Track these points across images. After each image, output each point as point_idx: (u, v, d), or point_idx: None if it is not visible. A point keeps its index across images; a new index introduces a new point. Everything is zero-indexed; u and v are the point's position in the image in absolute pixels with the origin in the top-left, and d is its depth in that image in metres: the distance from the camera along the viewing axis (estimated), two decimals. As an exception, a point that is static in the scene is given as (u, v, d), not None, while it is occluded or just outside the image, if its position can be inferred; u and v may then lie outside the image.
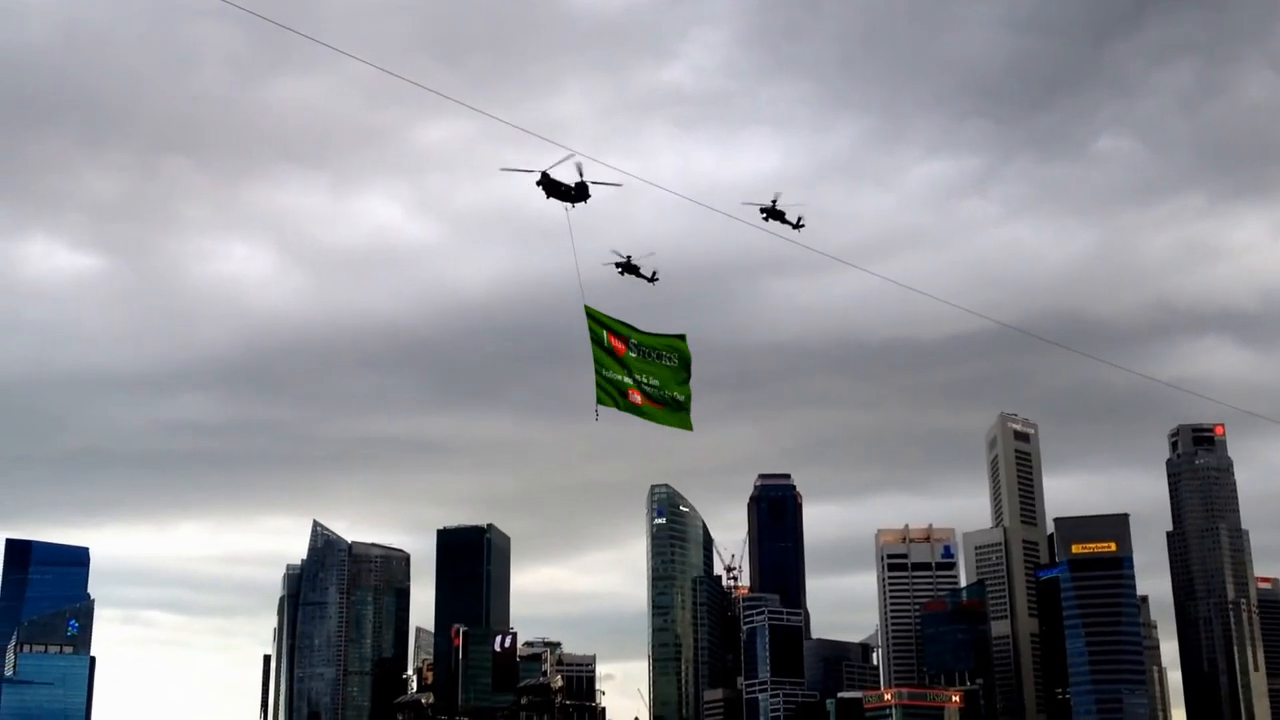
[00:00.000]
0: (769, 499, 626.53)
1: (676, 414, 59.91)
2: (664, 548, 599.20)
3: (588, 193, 75.90)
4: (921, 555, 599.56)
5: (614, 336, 58.22)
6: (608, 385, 57.66)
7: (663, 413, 59.36)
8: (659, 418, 59.21)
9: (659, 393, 59.25)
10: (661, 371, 59.38)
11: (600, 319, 58.10)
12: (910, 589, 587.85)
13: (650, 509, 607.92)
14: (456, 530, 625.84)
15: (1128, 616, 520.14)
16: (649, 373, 58.92)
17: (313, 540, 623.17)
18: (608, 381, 57.65)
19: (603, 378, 57.44)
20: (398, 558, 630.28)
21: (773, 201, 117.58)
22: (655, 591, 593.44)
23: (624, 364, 58.18)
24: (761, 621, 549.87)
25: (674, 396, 59.81)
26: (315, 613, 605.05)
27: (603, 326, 58.04)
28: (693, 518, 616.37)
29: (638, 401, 58.48)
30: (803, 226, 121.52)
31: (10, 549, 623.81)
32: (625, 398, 58.17)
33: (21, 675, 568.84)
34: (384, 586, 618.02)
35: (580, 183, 75.44)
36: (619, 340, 58.25)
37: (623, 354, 58.26)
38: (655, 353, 59.33)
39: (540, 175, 74.95)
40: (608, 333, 58.06)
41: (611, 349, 57.96)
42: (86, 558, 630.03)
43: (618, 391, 57.90)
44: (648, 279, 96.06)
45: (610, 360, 57.78)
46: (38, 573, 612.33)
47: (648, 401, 58.76)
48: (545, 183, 75.39)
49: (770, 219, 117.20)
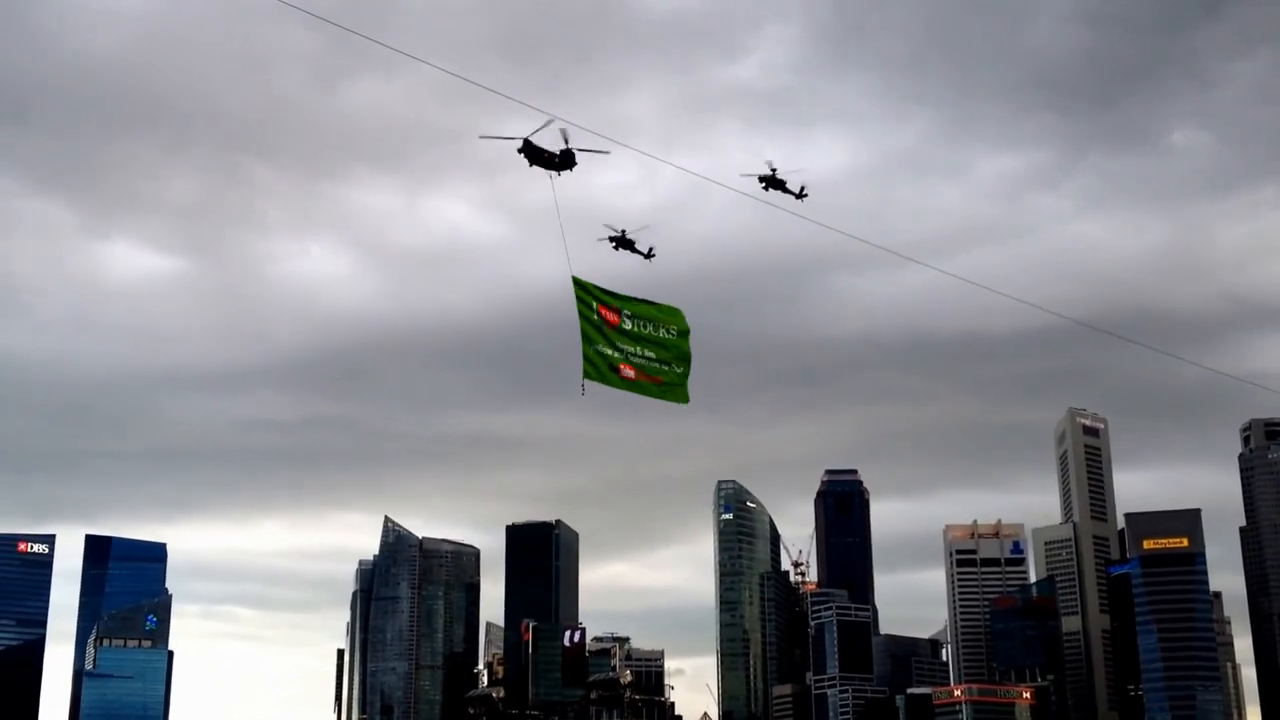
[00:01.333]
0: (836, 494, 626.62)
1: (672, 389, 57.05)
2: (731, 543, 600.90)
3: (573, 161, 72.96)
4: (990, 551, 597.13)
5: (605, 309, 55.39)
6: (597, 359, 54.79)
7: (658, 387, 56.57)
8: (652, 392, 56.53)
9: (653, 366, 56.31)
10: (657, 344, 56.44)
11: (590, 290, 55.26)
12: (979, 585, 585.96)
13: (717, 504, 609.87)
14: (525, 526, 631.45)
15: (1200, 613, 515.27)
16: (644, 345, 56.01)
17: (384, 536, 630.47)
18: (597, 355, 54.78)
19: (592, 352, 54.61)
20: (468, 553, 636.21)
21: (772, 170, 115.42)
22: (723, 587, 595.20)
23: (616, 336, 55.31)
24: (830, 617, 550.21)
25: (672, 369, 56.81)
26: (387, 607, 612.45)
27: (592, 297, 55.20)
28: (760, 513, 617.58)
29: (630, 376, 55.66)
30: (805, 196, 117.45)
31: (90, 545, 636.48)
32: (616, 372, 55.32)
33: (101, 669, 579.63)
34: (454, 582, 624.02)
35: (565, 150, 72.67)
36: (611, 312, 55.43)
37: (615, 325, 55.40)
38: (652, 323, 56.49)
39: (522, 142, 72.40)
40: (598, 304, 55.22)
41: (602, 321, 55.14)
42: (164, 553, 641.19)
43: (608, 366, 55.06)
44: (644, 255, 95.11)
45: (600, 333, 55.00)
46: (116, 568, 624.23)
47: (642, 376, 55.95)
48: (527, 150, 72.84)
49: (770, 189, 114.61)
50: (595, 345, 54.50)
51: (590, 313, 54.62)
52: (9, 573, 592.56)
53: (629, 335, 55.35)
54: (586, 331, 54.46)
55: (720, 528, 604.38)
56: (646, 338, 55.84)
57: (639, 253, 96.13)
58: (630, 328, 55.41)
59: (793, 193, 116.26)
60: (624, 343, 55.25)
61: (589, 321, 54.48)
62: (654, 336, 56.14)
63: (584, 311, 54.44)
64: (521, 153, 72.81)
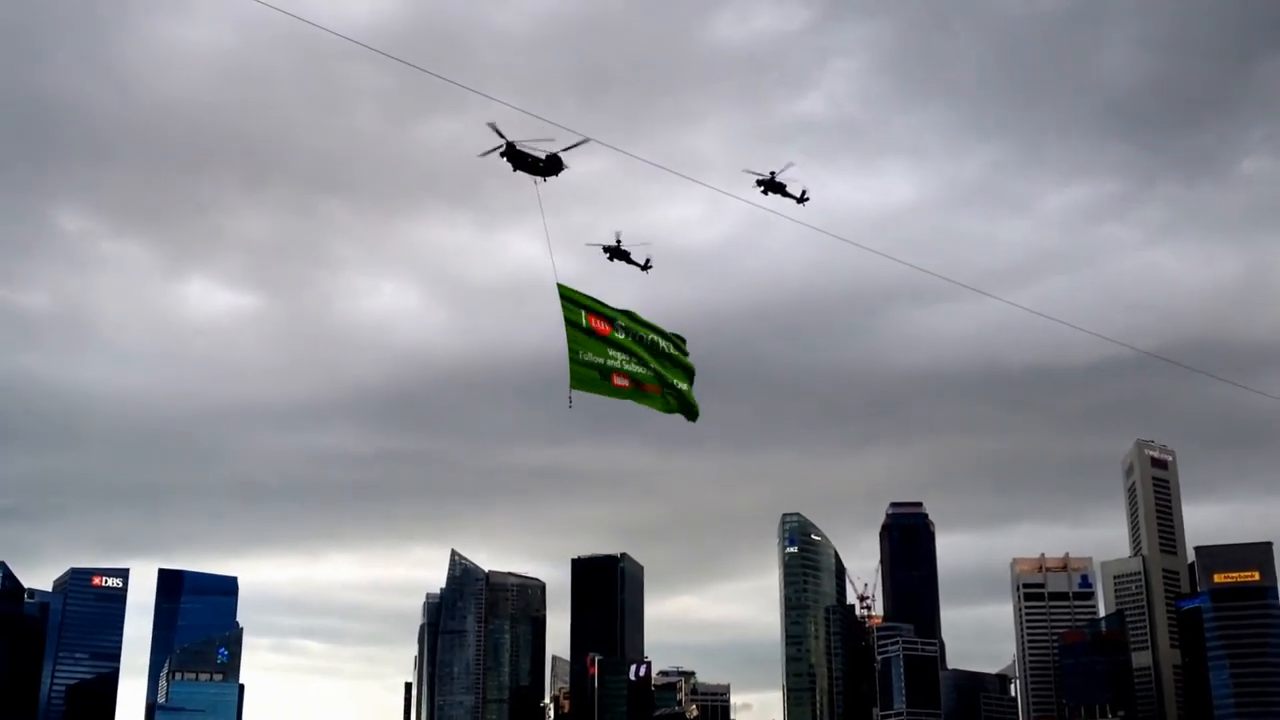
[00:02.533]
0: (901, 527, 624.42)
1: (671, 399, 53.37)
2: (796, 577, 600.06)
3: (560, 165, 70.47)
4: (1059, 585, 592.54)
5: (594, 317, 51.71)
6: (586, 369, 50.94)
7: (655, 397, 52.82)
8: (649, 402, 52.83)
9: (649, 375, 52.55)
10: (653, 354, 52.94)
11: (577, 299, 51.49)
12: (1048, 619, 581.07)
13: (782, 537, 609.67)
14: (590, 559, 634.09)
15: (1274, 647, 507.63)
16: (637, 354, 52.43)
17: (451, 569, 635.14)
18: (585, 365, 50.95)
19: (579, 362, 50.76)
20: (533, 586, 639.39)
21: (772, 174, 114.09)
22: (789, 621, 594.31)
23: (607, 345, 51.65)
24: (896, 651, 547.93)
25: (669, 379, 53.19)
26: (454, 641, 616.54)
27: (580, 306, 51.49)
28: (824, 546, 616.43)
29: (624, 385, 51.99)
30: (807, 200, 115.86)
31: (163, 579, 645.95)
32: (608, 381, 51.59)
33: (174, 702, 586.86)
34: (520, 615, 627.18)
35: (552, 155, 70.29)
36: (601, 321, 51.82)
37: (606, 334, 51.68)
38: (646, 334, 52.89)
39: (506, 145, 70.43)
40: (586, 313, 51.50)
41: (591, 330, 51.40)
42: (235, 587, 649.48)
43: (599, 375, 51.32)
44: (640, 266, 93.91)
45: (590, 341, 51.22)
46: (189, 602, 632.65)
47: (637, 385, 52.28)
48: (511, 154, 70.51)
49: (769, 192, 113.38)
50: (584, 354, 50.92)
51: (578, 321, 51.23)
52: (84, 607, 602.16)
53: (620, 344, 52.00)
54: (574, 340, 50.88)
55: (785, 561, 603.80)
56: (640, 348, 52.50)
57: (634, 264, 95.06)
58: (623, 338, 52.08)
59: (793, 196, 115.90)
60: (616, 351, 51.89)
61: (577, 330, 51.03)
62: (649, 347, 52.78)
63: (571, 319, 51.04)
64: (504, 157, 70.73)
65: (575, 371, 50.52)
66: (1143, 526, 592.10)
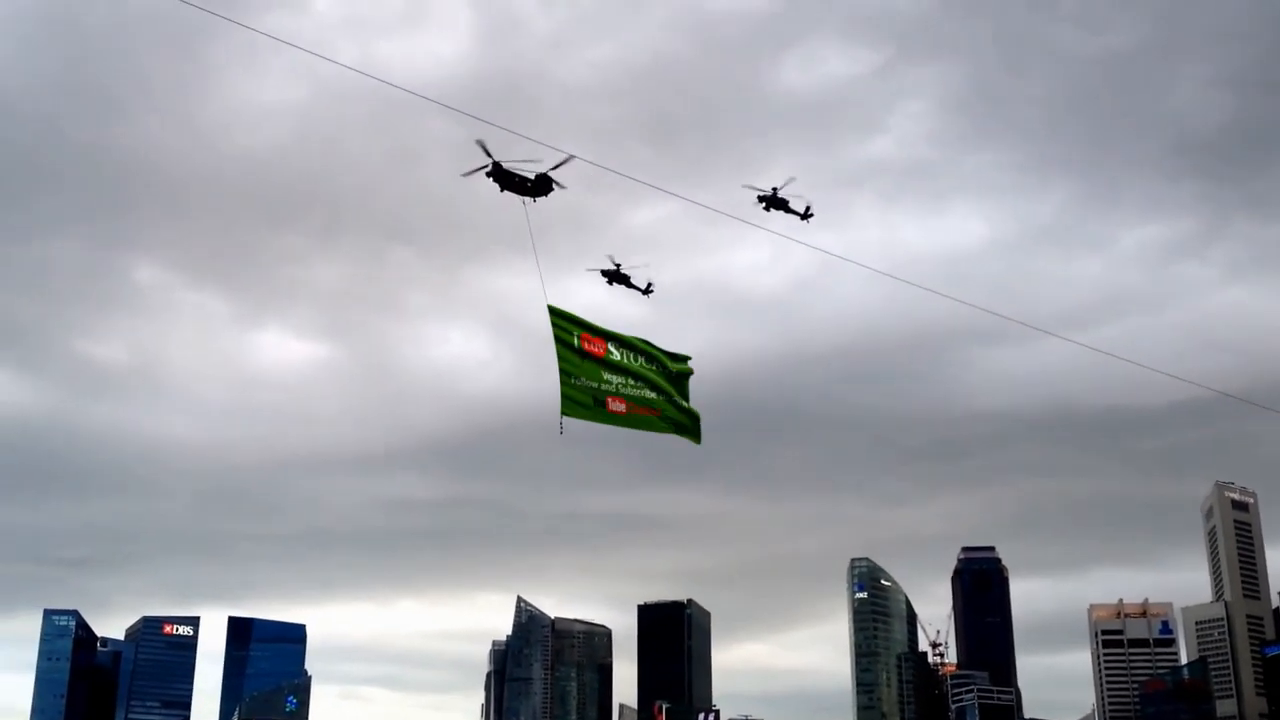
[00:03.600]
0: (973, 572, 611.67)
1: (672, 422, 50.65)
2: (866, 623, 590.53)
3: (550, 185, 67.96)
4: (1138, 631, 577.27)
5: (589, 337, 48.75)
6: (578, 393, 48.00)
7: (655, 420, 50.11)
8: (649, 425, 50.13)
9: (648, 398, 49.60)
10: (653, 374, 49.98)
11: (571, 319, 48.68)
12: (1127, 667, 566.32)
13: (851, 583, 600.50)
14: (657, 606, 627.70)
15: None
16: (635, 376, 49.46)
17: (517, 616, 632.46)
18: (579, 389, 48.05)
19: (571, 387, 47.82)
20: (600, 633, 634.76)
21: (774, 190, 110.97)
22: (859, 668, 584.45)
23: (602, 368, 48.80)
24: (970, 700, 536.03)
25: (671, 401, 50.37)
26: (521, 689, 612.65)
27: (575, 326, 48.63)
28: (895, 592, 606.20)
29: (620, 410, 49.00)
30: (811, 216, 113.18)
31: (233, 627, 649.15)
32: (603, 406, 48.65)
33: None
34: (586, 662, 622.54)
35: (541, 175, 67.78)
36: (595, 342, 48.81)
37: (601, 356, 48.83)
38: (644, 355, 49.97)
39: (491, 165, 68.17)
40: (580, 332, 48.61)
41: (585, 353, 48.44)
42: (303, 635, 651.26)
43: (592, 400, 48.31)
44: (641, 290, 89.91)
45: (584, 364, 48.34)
46: (258, 650, 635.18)
47: (635, 409, 49.31)
48: (497, 174, 68.14)
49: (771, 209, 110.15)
50: (576, 379, 47.99)
51: (571, 343, 48.34)
52: (155, 655, 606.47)
53: (616, 366, 49.06)
54: (565, 363, 48.00)
55: (854, 607, 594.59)
56: (638, 370, 49.52)
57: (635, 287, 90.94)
58: (619, 359, 49.15)
59: (797, 213, 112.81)
60: (611, 374, 48.92)
61: (570, 351, 48.17)
62: (647, 368, 49.78)
63: (563, 340, 48.23)
64: (490, 177, 68.48)
65: (567, 396, 47.61)
66: (1224, 571, 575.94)
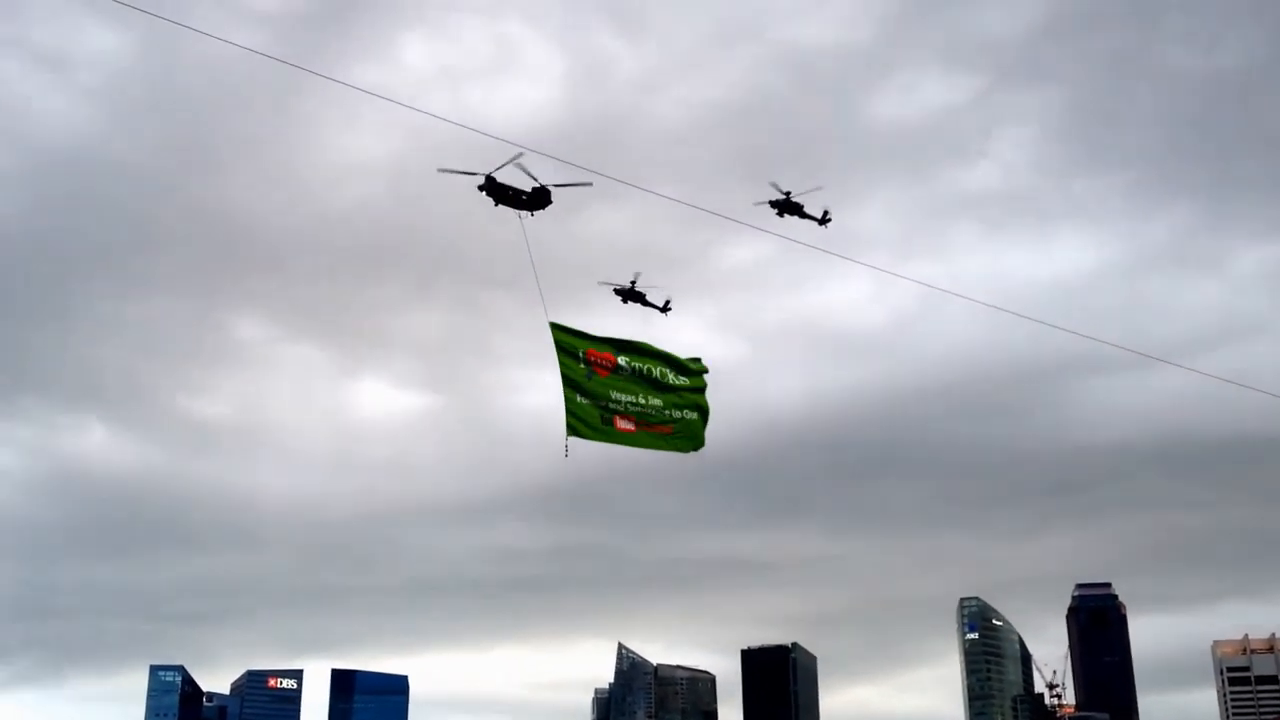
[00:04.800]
0: (1089, 610, 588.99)
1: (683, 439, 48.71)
2: (979, 665, 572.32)
3: (548, 199, 66.86)
4: (1266, 667, 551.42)
5: (596, 352, 47.49)
6: (585, 412, 46.71)
7: (666, 437, 48.37)
8: (660, 444, 48.42)
9: (659, 414, 47.94)
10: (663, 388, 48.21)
11: (575, 334, 47.44)
12: (1255, 704, 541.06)
13: (961, 623, 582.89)
14: (761, 650, 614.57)
15: None
16: (645, 391, 47.82)
17: (619, 663, 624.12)
18: (586, 408, 46.75)
19: (578, 405, 46.59)
20: (704, 679, 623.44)
21: (786, 194, 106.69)
22: (973, 712, 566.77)
23: (610, 384, 47.32)
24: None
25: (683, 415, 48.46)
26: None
27: (580, 341, 47.37)
28: (1008, 631, 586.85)
29: (629, 429, 47.65)
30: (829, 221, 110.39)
31: (336, 679, 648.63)
32: (610, 425, 47.33)
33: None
34: (691, 709, 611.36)
35: (538, 188, 66.41)
36: (603, 356, 47.47)
37: (609, 372, 47.50)
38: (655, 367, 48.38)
39: (485, 179, 66.64)
40: (587, 348, 47.34)
41: (591, 370, 47.11)
42: (406, 686, 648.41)
43: (599, 419, 47.01)
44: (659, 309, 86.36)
45: (590, 383, 46.99)
46: (361, 702, 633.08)
47: (644, 427, 47.82)
48: (490, 188, 66.60)
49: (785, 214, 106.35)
50: (581, 398, 46.54)
51: (575, 362, 46.80)
52: (259, 709, 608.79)
53: (626, 381, 47.49)
54: (570, 380, 46.57)
55: (966, 648, 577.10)
56: (649, 383, 47.82)
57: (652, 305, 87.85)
58: (629, 370, 47.61)
59: (814, 218, 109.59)
60: (620, 391, 47.31)
61: (574, 370, 46.69)
62: (659, 381, 47.96)
63: (566, 360, 46.68)
64: (483, 190, 66.57)
65: (572, 415, 46.58)
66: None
